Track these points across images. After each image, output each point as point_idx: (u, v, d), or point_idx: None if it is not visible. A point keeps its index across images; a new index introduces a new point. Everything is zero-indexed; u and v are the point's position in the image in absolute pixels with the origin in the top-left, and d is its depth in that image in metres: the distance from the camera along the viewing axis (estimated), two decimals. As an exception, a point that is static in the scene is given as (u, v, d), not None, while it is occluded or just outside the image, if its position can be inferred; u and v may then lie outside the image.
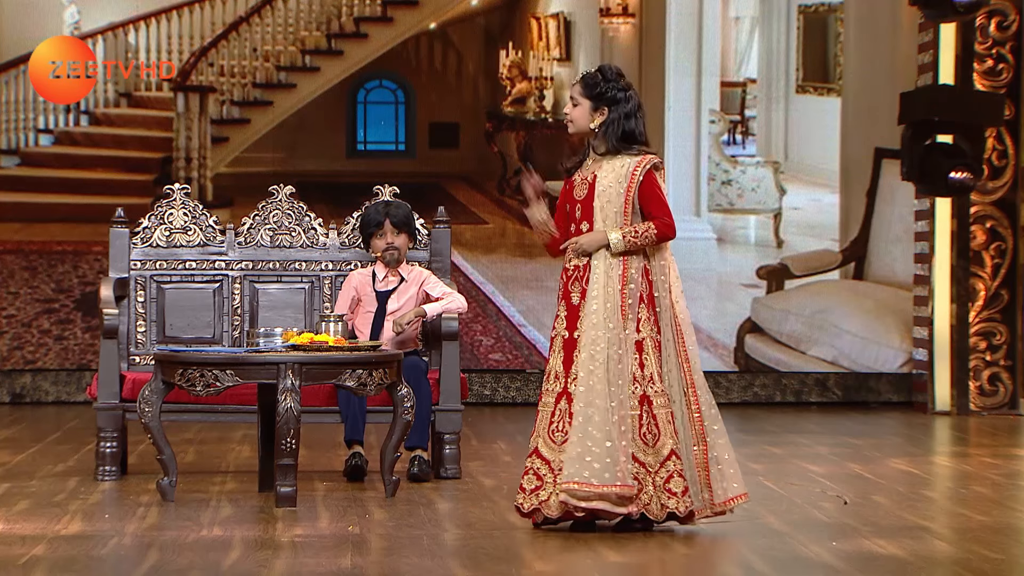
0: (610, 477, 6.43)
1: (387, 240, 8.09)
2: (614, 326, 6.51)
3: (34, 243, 11.93)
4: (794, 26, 12.41)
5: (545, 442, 6.58)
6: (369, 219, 8.15)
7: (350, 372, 7.33)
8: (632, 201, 6.58)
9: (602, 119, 6.61)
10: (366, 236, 8.17)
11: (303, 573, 5.84)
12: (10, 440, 9.57)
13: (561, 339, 6.63)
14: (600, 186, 6.60)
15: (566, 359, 6.59)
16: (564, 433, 6.51)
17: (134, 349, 8.29)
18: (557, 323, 6.68)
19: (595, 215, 6.61)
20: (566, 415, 6.51)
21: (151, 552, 6.21)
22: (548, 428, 6.58)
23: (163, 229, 8.37)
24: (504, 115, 12.30)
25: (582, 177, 6.68)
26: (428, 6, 12.26)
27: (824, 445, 9.61)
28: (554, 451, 6.55)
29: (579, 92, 6.64)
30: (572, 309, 6.62)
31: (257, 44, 12.11)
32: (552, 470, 6.54)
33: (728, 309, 12.10)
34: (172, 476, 7.44)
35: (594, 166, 6.66)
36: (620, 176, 6.59)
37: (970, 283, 11.36)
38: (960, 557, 6.17)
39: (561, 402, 6.57)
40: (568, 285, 6.65)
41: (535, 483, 6.57)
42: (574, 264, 6.63)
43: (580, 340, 6.54)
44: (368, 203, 8.20)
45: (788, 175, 12.35)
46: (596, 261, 6.58)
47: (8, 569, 5.87)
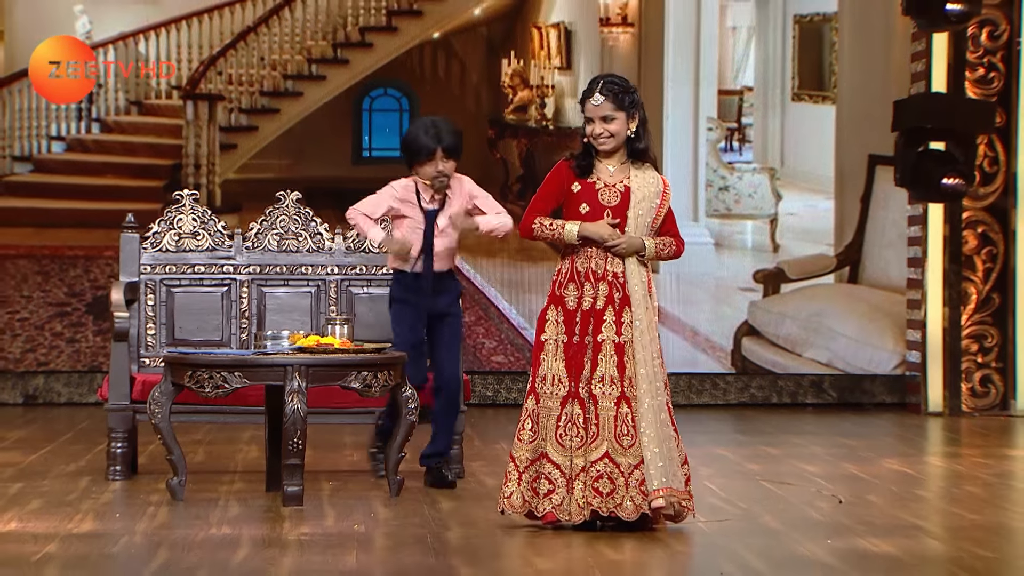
0: (674, 479, 6.51)
1: (437, 168, 7.66)
2: (652, 333, 6.57)
3: (47, 248, 11.93)
4: (790, 36, 12.40)
5: (554, 446, 6.56)
6: (420, 146, 7.65)
7: (355, 374, 7.33)
8: (661, 217, 6.67)
9: (635, 124, 6.65)
10: (413, 161, 7.70)
11: (310, 571, 5.84)
12: (23, 440, 9.57)
13: (559, 344, 6.60)
14: (636, 196, 6.62)
15: (569, 364, 6.57)
16: (632, 438, 6.51)
17: (144, 351, 8.29)
18: (548, 327, 6.64)
19: (629, 223, 6.62)
20: (626, 419, 6.52)
21: (161, 550, 6.20)
22: (555, 432, 6.56)
23: (173, 234, 8.37)
24: (506, 122, 12.30)
25: (607, 184, 6.66)
26: (432, 16, 12.26)
27: (819, 445, 9.61)
28: (564, 455, 6.53)
29: (612, 108, 6.62)
30: (569, 313, 6.60)
31: (265, 53, 12.11)
32: (564, 475, 6.52)
33: (725, 312, 12.09)
34: (181, 476, 7.43)
35: (620, 174, 6.66)
36: (655, 191, 6.67)
37: (962, 287, 11.35)
38: (953, 555, 6.16)
39: (568, 406, 6.55)
40: (563, 289, 6.63)
41: (548, 487, 6.56)
42: (613, 272, 6.62)
43: (629, 346, 6.54)
44: (416, 122, 7.77)
45: (784, 181, 12.35)
46: (631, 269, 6.60)
47: (21, 566, 5.87)
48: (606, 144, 6.62)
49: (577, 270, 6.65)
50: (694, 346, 11.86)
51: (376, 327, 8.25)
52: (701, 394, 11.86)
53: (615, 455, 6.49)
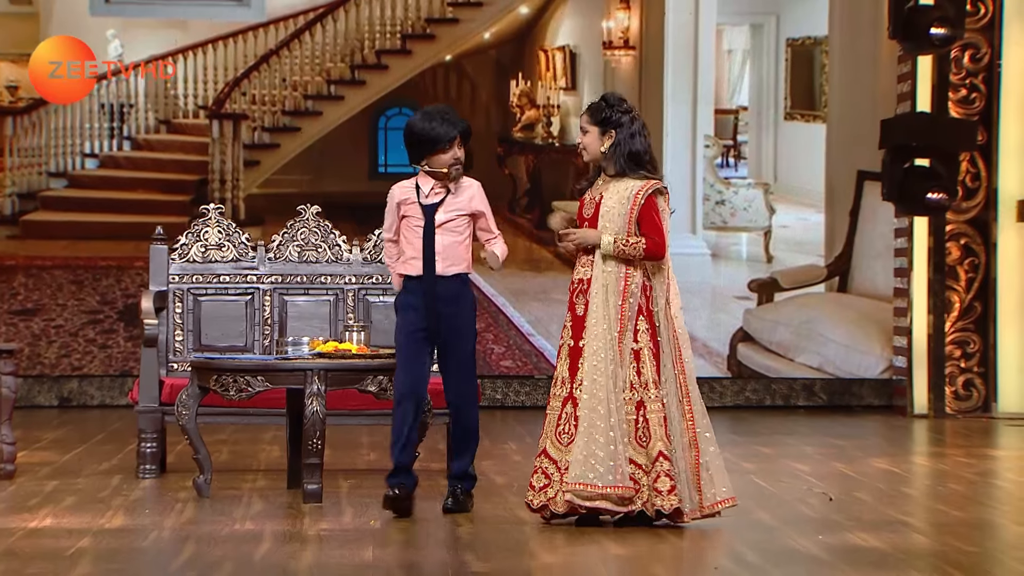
0: (612, 479, 6.42)
1: (454, 154, 6.92)
2: (613, 337, 6.51)
3: (80, 259, 11.94)
4: (782, 58, 12.40)
5: (552, 443, 6.58)
6: (438, 135, 6.88)
7: (372, 378, 7.32)
8: (634, 222, 6.59)
9: (610, 142, 6.62)
10: (424, 152, 6.92)
11: (329, 564, 5.83)
12: (58, 441, 9.56)
13: (567, 347, 6.64)
14: (605, 207, 6.62)
15: (571, 366, 6.59)
16: (570, 435, 6.50)
17: (172, 357, 8.29)
18: (564, 332, 6.68)
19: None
20: (572, 419, 6.51)
21: (188, 544, 6.20)
22: (555, 430, 6.58)
23: (199, 246, 8.37)
24: (514, 140, 12.29)
25: (591, 197, 6.70)
26: (444, 40, 12.26)
27: (811, 446, 9.59)
28: (561, 451, 6.55)
29: (587, 121, 6.67)
30: (577, 320, 6.62)
31: (286, 75, 12.12)
32: (559, 469, 6.53)
33: (722, 320, 12.08)
34: (207, 474, 7.43)
35: (603, 187, 6.68)
36: (624, 198, 6.60)
37: (946, 296, 11.33)
38: (937, 549, 6.15)
39: (567, 406, 6.57)
40: (573, 297, 6.66)
41: (543, 481, 6.57)
42: (579, 278, 6.64)
43: (585, 349, 6.53)
44: (417, 115, 7.01)
45: (777, 196, 12.34)
46: (597, 276, 6.58)
47: (56, 560, 5.86)
48: (583, 155, 6.71)
49: (572, 279, 6.71)
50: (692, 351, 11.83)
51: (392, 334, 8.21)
52: (699, 397, 11.84)
53: (552, 451, 6.53)
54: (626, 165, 6.61)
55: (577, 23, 12.26)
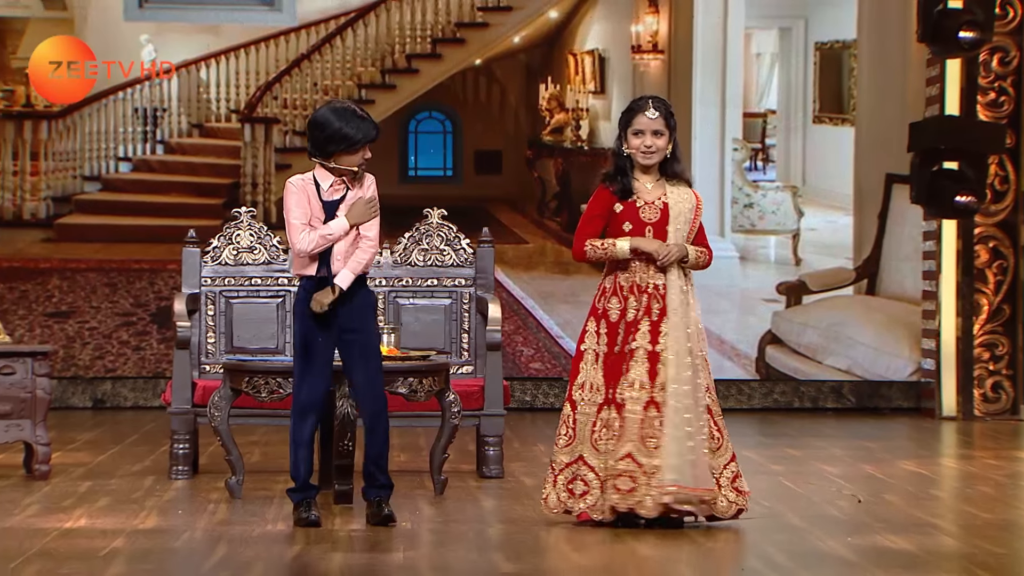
0: (699, 481, 6.46)
1: (364, 154, 6.57)
2: (689, 343, 6.53)
3: (114, 261, 11.98)
4: (811, 61, 12.37)
5: (638, 448, 6.51)
6: (355, 138, 6.51)
7: (402, 380, 7.33)
8: (695, 230, 6.66)
9: (672, 144, 6.64)
10: (335, 150, 6.51)
11: (359, 564, 5.84)
12: (92, 442, 9.60)
13: (644, 351, 6.54)
14: (674, 212, 6.60)
15: (651, 370, 6.51)
16: (656, 440, 6.47)
17: (205, 359, 8.31)
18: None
19: (669, 237, 6.60)
20: (656, 422, 6.48)
21: (220, 545, 6.21)
22: (640, 434, 6.51)
23: (231, 249, 8.39)
24: (543, 143, 12.29)
25: (647, 201, 6.63)
26: (474, 44, 12.27)
27: (839, 448, 9.56)
28: (647, 456, 6.48)
29: (663, 124, 6.61)
30: (654, 324, 6.55)
31: (317, 79, 12.15)
32: (645, 472, 6.48)
33: (750, 322, 12.05)
34: (239, 475, 7.45)
35: (657, 191, 6.63)
36: (690, 207, 6.64)
37: (974, 298, 11.29)
38: (966, 552, 6.13)
39: (649, 410, 6.51)
40: (650, 302, 6.58)
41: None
42: (653, 284, 6.59)
43: (664, 353, 6.50)
44: (328, 110, 6.56)
45: (805, 199, 12.31)
46: (672, 281, 6.57)
47: (90, 560, 5.89)
48: (652, 158, 6.59)
49: (620, 284, 6.62)
50: (720, 354, 11.82)
51: (422, 336, 8.25)
52: (727, 399, 11.81)
53: (637, 455, 6.48)
54: (679, 167, 6.64)
55: (606, 27, 12.25)
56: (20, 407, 7.91)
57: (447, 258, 8.42)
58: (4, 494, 7.40)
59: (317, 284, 6.58)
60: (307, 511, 6.59)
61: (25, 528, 6.50)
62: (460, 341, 8.35)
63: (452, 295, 8.39)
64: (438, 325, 8.36)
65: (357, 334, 6.60)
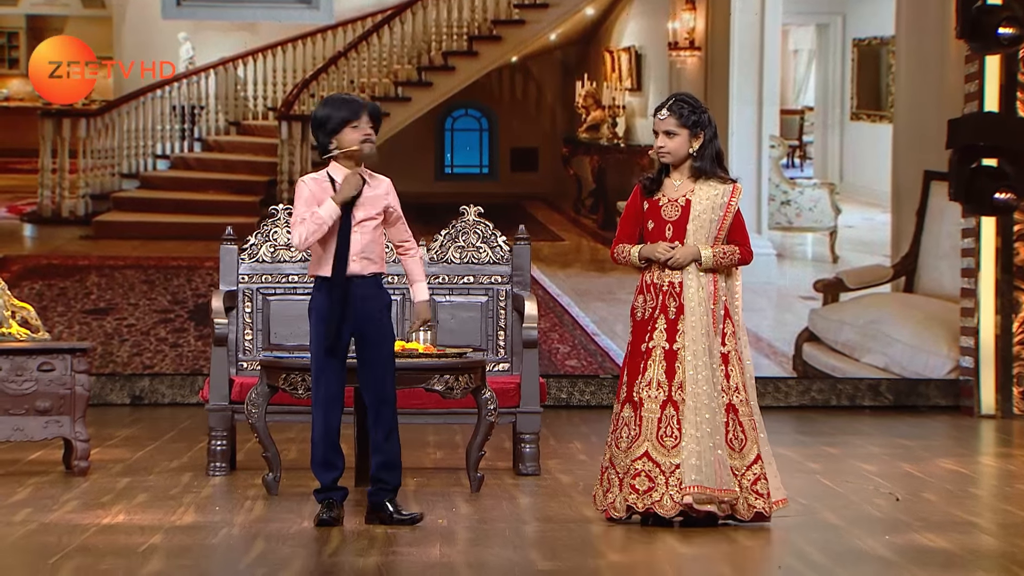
0: (719, 481, 6.42)
1: (364, 131, 6.55)
2: (708, 341, 6.49)
3: (152, 259, 12.03)
4: (849, 58, 12.32)
5: (655, 447, 6.49)
6: (342, 113, 6.52)
7: (438, 377, 7.33)
8: (726, 228, 6.57)
9: (699, 143, 6.59)
10: (332, 130, 6.54)
11: (396, 562, 5.84)
12: (130, 439, 9.64)
13: (662, 350, 6.54)
14: (695, 210, 6.57)
15: (668, 369, 6.51)
16: (675, 439, 6.46)
17: (242, 356, 8.33)
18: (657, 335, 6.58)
19: (688, 237, 6.58)
20: (674, 421, 6.46)
21: (257, 542, 6.23)
22: (657, 433, 6.50)
23: (268, 246, 8.41)
24: (579, 141, 12.28)
25: (670, 199, 6.62)
26: (510, 41, 12.27)
27: (877, 446, 9.52)
28: (665, 455, 6.48)
29: (675, 125, 6.57)
30: (671, 323, 6.55)
31: (354, 76, 12.16)
32: (663, 472, 6.47)
33: (787, 319, 12.02)
34: (276, 472, 7.46)
35: (684, 188, 6.61)
36: (716, 204, 6.57)
37: (1013, 296, 11.22)
38: (1005, 550, 6.09)
39: (667, 409, 6.50)
40: (665, 300, 6.58)
41: (647, 484, 6.51)
42: (669, 281, 6.58)
43: (682, 352, 6.49)
44: (325, 100, 6.67)
45: (843, 196, 12.26)
46: (689, 279, 6.54)
47: (129, 556, 5.91)
48: (665, 158, 6.60)
49: (646, 282, 6.64)
50: (757, 351, 11.78)
51: (458, 333, 8.25)
52: (764, 396, 11.78)
53: (655, 454, 6.46)
54: (711, 166, 6.59)
55: (642, 24, 12.23)
56: (59, 403, 7.95)
57: (483, 255, 8.42)
58: (43, 490, 7.43)
59: (330, 284, 6.53)
60: (327, 511, 6.57)
61: (64, 524, 6.53)
62: (496, 338, 8.35)
63: (488, 292, 8.39)
64: (474, 322, 8.36)
65: (370, 332, 6.56)
